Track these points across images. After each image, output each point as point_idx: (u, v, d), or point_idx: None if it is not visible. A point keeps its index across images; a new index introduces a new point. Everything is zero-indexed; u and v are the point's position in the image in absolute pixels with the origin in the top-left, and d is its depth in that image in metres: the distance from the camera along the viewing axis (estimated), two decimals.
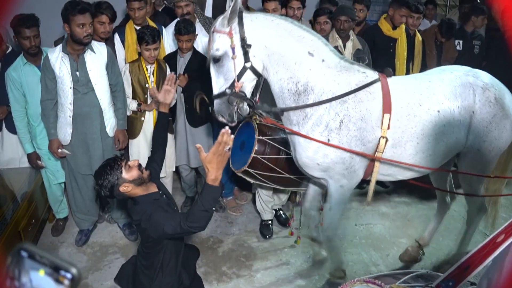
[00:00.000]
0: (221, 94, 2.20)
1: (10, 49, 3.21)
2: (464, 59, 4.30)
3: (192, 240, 3.21)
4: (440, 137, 2.33)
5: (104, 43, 2.95)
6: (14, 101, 2.91)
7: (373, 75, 2.29)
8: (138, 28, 3.26)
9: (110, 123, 2.96)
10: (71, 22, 2.62)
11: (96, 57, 2.82)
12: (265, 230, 3.37)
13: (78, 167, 2.96)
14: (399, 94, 2.29)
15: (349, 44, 3.43)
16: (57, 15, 3.84)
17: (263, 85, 2.48)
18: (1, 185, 3.20)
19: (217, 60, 2.18)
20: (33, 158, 3.04)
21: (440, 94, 2.33)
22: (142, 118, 3.13)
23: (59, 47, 2.79)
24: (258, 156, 2.59)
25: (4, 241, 2.63)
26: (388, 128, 2.22)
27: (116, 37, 3.33)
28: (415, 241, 3.09)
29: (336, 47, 3.35)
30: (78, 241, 3.19)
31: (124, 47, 3.33)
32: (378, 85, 2.25)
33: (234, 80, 2.15)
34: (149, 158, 2.33)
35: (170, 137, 3.27)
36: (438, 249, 3.24)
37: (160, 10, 4.28)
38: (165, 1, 4.36)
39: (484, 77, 2.44)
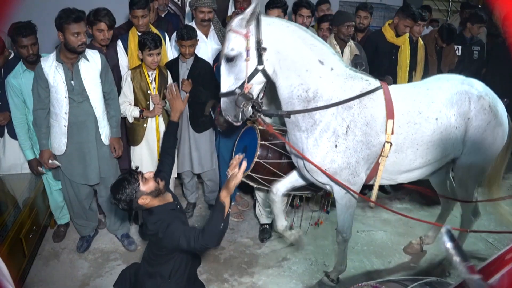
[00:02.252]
0: (230, 93, 2.22)
1: (12, 55, 3.20)
2: (463, 64, 4.32)
3: None
4: (438, 143, 2.41)
5: (97, 51, 2.91)
6: (15, 108, 2.90)
7: (375, 82, 2.36)
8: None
9: (105, 131, 2.93)
10: (65, 30, 2.58)
11: (90, 65, 2.79)
12: (261, 234, 3.39)
13: (73, 176, 2.92)
14: (400, 101, 2.36)
15: (346, 50, 3.44)
16: None
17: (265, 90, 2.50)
18: (3, 191, 3.19)
19: (230, 59, 2.19)
20: (34, 164, 3.03)
21: (438, 102, 2.41)
22: (145, 125, 3.13)
23: (53, 55, 2.73)
24: (261, 161, 2.62)
25: (6, 247, 2.61)
26: (392, 133, 2.29)
27: (119, 44, 3.32)
28: (419, 237, 3.21)
29: None
30: (79, 247, 3.18)
31: (127, 54, 3.32)
32: (380, 92, 2.33)
33: (245, 81, 2.18)
34: (157, 167, 2.35)
35: None
36: (440, 255, 3.23)
37: (163, 15, 4.28)
38: (168, 6, 4.38)
39: (478, 86, 2.54)
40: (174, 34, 3.34)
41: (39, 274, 2.96)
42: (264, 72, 2.20)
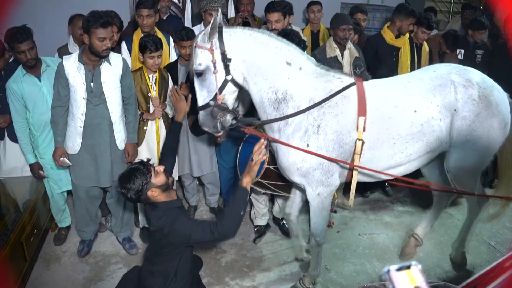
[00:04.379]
0: (205, 106, 2.32)
1: (12, 57, 3.20)
2: None
3: (195, 250, 3.19)
4: (419, 136, 2.37)
5: (120, 55, 2.90)
6: (15, 112, 2.89)
7: (348, 80, 2.36)
8: None
9: (120, 136, 2.91)
10: (92, 34, 2.56)
11: (111, 69, 2.77)
12: (254, 234, 3.43)
13: (83, 178, 2.90)
14: (375, 96, 2.35)
15: (346, 52, 3.43)
16: (60, 22, 3.86)
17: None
18: (4, 194, 3.18)
19: (199, 74, 2.28)
20: (35, 168, 3.02)
21: (417, 93, 2.38)
22: (145, 128, 3.13)
23: (75, 55, 2.73)
24: (271, 167, 2.63)
25: (7, 251, 2.61)
26: (364, 130, 2.28)
27: (124, 46, 3.34)
28: (409, 235, 3.09)
29: (335, 57, 3.36)
30: (80, 251, 3.16)
31: (130, 55, 3.34)
32: (353, 89, 2.32)
33: (217, 93, 2.25)
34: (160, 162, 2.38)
35: None
36: (442, 259, 3.22)
37: (164, 18, 4.28)
38: (170, 9, 4.37)
39: (471, 75, 2.44)
40: None
41: (40, 277, 2.95)
42: (234, 82, 2.29)
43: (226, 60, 2.22)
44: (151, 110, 3.11)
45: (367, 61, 3.67)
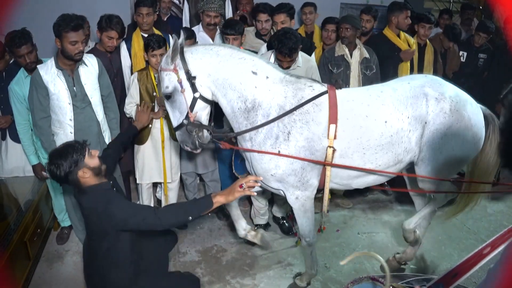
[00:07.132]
0: (180, 126, 2.38)
1: (13, 59, 3.22)
2: (466, 71, 4.30)
3: (196, 248, 3.24)
4: (389, 147, 2.38)
5: (93, 55, 2.92)
6: (18, 114, 2.91)
7: (320, 88, 2.38)
8: (145, 35, 3.31)
9: (107, 134, 2.97)
10: (63, 38, 2.56)
11: (89, 70, 2.79)
12: None
13: None
14: (346, 105, 2.36)
15: (356, 52, 3.46)
16: None
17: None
18: (7, 194, 3.21)
19: (169, 96, 2.33)
20: (37, 169, 3.04)
21: (390, 104, 2.38)
22: (150, 125, 3.16)
23: (51, 62, 2.70)
24: None
25: (11, 251, 2.64)
26: (335, 138, 2.30)
27: (123, 46, 3.36)
28: (394, 255, 3.04)
29: (342, 56, 3.39)
30: None
31: (130, 55, 3.36)
32: (325, 97, 2.34)
33: (188, 112, 2.30)
34: (104, 150, 2.47)
35: (175, 144, 3.31)
36: (439, 257, 3.26)
37: (165, 19, 4.31)
38: (171, 10, 4.40)
39: (444, 88, 2.44)
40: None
41: (43, 276, 2.99)
42: (203, 98, 2.32)
43: (191, 78, 2.26)
44: (156, 109, 3.14)
45: None
